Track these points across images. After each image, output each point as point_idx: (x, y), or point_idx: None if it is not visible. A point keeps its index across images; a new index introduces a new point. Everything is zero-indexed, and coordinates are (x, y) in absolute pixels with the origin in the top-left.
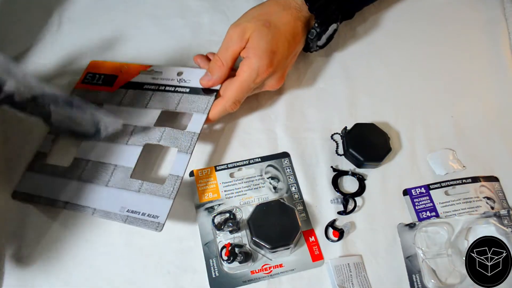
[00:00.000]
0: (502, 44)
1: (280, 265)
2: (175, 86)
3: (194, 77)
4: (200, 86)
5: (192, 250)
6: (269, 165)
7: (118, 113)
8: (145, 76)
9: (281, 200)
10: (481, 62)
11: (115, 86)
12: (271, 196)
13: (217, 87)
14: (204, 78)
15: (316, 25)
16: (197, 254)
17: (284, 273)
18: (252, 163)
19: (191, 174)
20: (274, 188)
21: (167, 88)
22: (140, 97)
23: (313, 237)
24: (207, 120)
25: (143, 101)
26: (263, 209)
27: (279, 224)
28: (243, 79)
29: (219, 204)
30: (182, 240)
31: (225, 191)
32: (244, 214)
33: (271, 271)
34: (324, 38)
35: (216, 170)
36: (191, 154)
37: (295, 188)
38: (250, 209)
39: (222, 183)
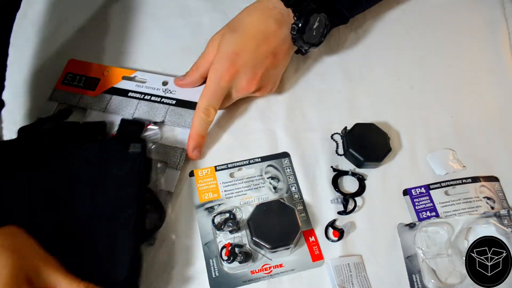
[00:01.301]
0: (502, 44)
1: (280, 265)
2: (161, 97)
3: (180, 88)
4: (187, 99)
5: (192, 250)
6: (269, 165)
7: (104, 119)
8: (129, 82)
9: (281, 200)
10: (481, 62)
11: (98, 90)
12: (271, 196)
13: None
14: (177, 78)
15: (295, 18)
16: (197, 254)
17: (284, 273)
18: (252, 163)
19: (191, 174)
20: (274, 188)
21: (153, 98)
22: (125, 105)
23: (313, 237)
24: (194, 139)
25: (129, 110)
26: (263, 209)
27: (279, 224)
28: (208, 83)
29: (219, 204)
30: (182, 240)
31: (225, 191)
32: (244, 214)
33: (271, 271)
34: (310, 32)
35: (216, 170)
36: (180, 170)
37: (295, 188)
38: (250, 209)
39: (222, 183)
